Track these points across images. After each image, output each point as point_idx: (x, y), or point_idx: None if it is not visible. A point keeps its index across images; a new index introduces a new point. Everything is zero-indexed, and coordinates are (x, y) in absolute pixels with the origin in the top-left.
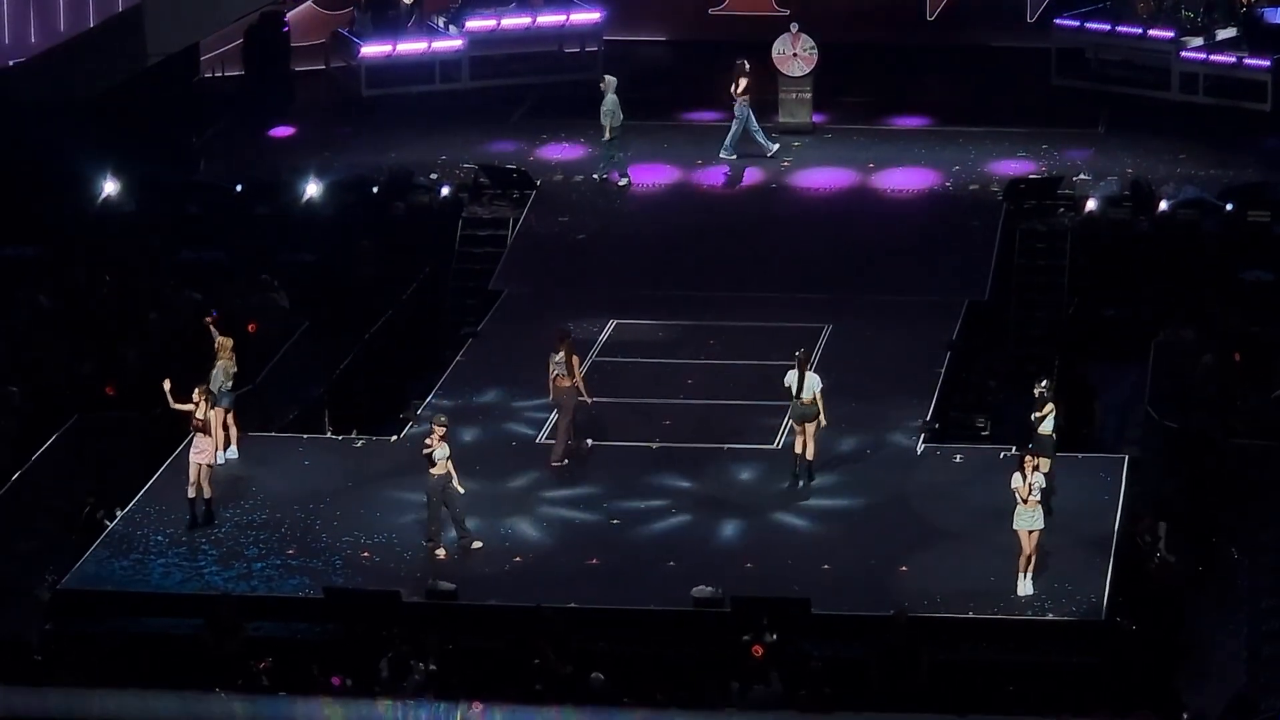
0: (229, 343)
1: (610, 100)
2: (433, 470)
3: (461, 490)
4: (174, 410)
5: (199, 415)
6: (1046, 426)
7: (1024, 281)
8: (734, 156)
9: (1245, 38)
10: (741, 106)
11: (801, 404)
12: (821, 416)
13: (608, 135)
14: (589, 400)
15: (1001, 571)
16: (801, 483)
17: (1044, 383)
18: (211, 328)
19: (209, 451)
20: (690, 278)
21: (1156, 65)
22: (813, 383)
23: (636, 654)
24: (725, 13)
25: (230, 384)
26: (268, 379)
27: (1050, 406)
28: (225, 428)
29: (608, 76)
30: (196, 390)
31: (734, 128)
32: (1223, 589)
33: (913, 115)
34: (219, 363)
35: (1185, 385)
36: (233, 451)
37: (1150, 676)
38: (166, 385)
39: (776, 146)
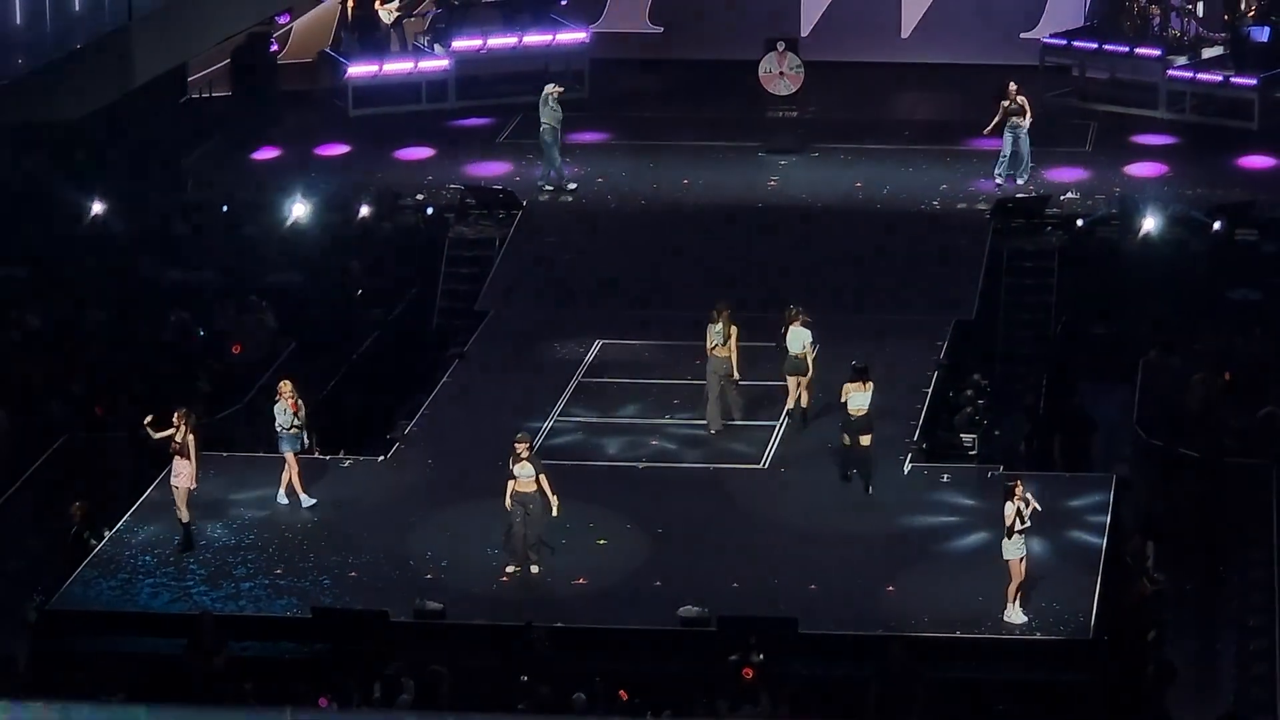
0: (289, 386)
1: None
2: (516, 487)
3: (555, 512)
4: (158, 441)
5: (177, 438)
6: (855, 402)
7: (1011, 300)
8: (1001, 182)
9: (1232, 56)
10: (1017, 130)
11: (794, 358)
12: (810, 368)
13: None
14: (736, 377)
15: (989, 591)
16: (798, 429)
17: (856, 364)
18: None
19: (186, 475)
20: (676, 297)
21: (1144, 83)
22: (803, 336)
23: (623, 673)
24: (602, 30)
25: (299, 428)
26: (256, 399)
27: (859, 385)
28: (296, 472)
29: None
30: (176, 414)
31: (1013, 150)
32: (1211, 607)
33: (900, 134)
34: (280, 403)
35: (1173, 405)
36: (306, 499)
37: (1138, 695)
38: (147, 420)
39: (1023, 182)
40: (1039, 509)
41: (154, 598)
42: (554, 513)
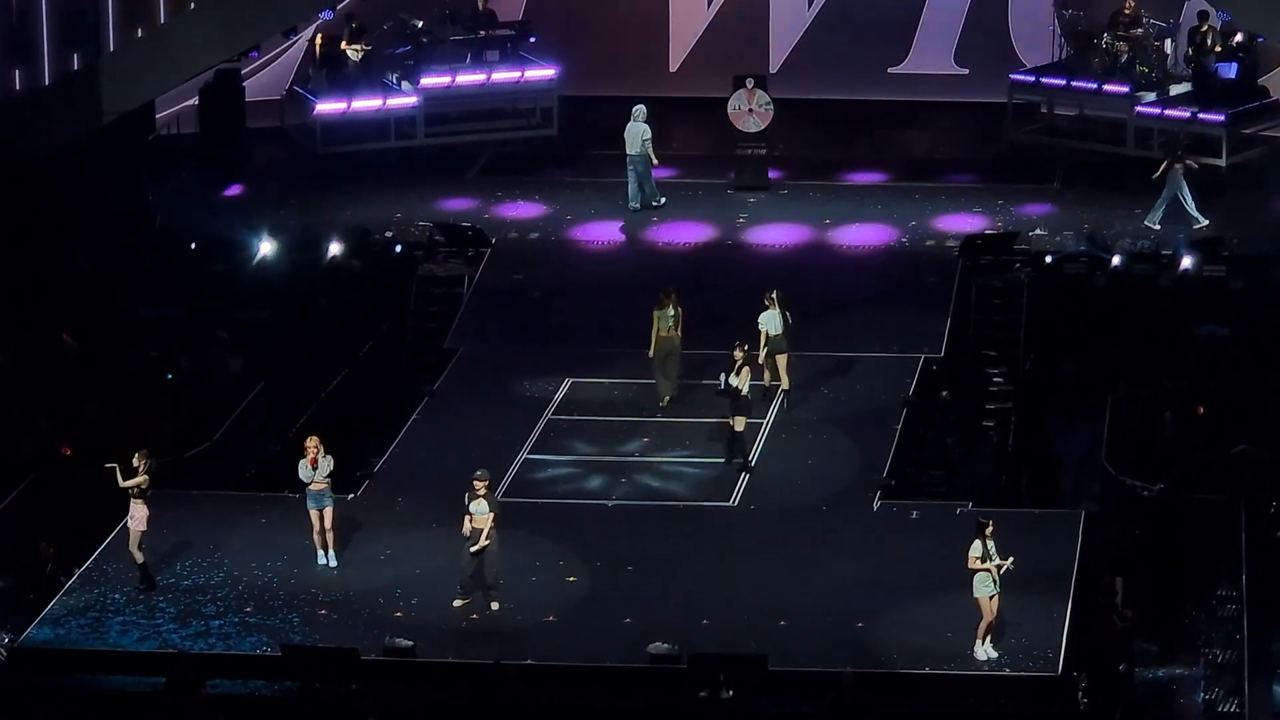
0: (313, 442)
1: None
2: (473, 524)
3: (483, 542)
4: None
5: (137, 480)
6: (746, 384)
7: (980, 337)
8: (1158, 226)
9: (1199, 93)
10: (1176, 175)
11: (775, 338)
12: (787, 345)
13: (654, 161)
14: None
15: (958, 627)
16: (788, 407)
17: (745, 346)
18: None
19: (142, 517)
20: (646, 335)
21: (1112, 120)
22: (785, 318)
23: (593, 710)
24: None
25: (322, 484)
26: (225, 437)
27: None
28: (324, 531)
29: (639, 105)
30: (137, 455)
31: (1169, 196)
32: (1179, 644)
33: (869, 171)
34: (303, 459)
35: (1142, 441)
36: (332, 558)
37: None
38: (119, 470)
39: (1206, 222)
40: (1003, 564)
41: (123, 635)
42: (482, 541)
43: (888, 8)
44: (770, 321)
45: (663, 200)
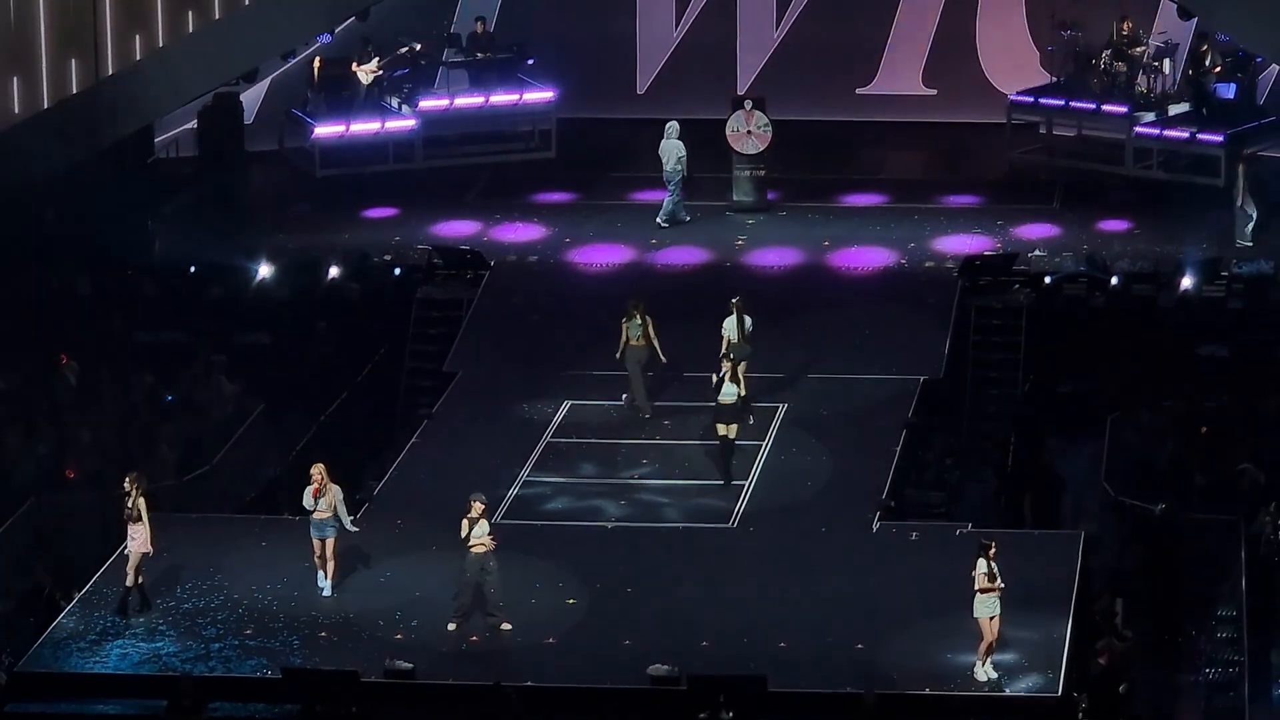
0: (318, 470)
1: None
2: (471, 547)
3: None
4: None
5: (129, 504)
6: (727, 394)
7: (979, 359)
8: (1251, 243)
9: (1198, 112)
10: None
11: (737, 344)
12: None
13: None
14: (663, 359)
15: (958, 649)
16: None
17: (730, 355)
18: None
19: (142, 539)
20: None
21: (1110, 140)
22: (747, 325)
23: None
24: None
25: (326, 514)
26: (224, 460)
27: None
28: (325, 559)
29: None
30: (128, 479)
31: (1255, 202)
32: (1180, 664)
33: (867, 192)
34: (311, 487)
35: (1142, 461)
36: (329, 587)
37: None
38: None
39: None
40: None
41: (123, 659)
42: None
43: (855, 29)
44: (730, 328)
45: (670, 222)
